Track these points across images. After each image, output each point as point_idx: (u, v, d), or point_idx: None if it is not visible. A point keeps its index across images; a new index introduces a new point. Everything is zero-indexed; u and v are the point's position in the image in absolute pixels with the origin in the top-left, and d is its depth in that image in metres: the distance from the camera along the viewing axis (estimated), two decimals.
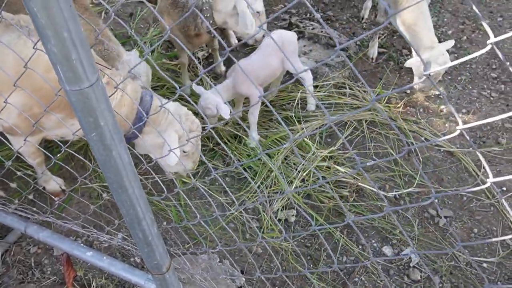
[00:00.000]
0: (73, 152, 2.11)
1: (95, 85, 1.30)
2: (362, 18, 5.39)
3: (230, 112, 3.57)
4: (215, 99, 3.53)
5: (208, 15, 3.50)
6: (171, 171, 3.31)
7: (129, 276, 2.41)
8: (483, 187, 1.04)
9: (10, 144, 2.84)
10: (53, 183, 3.50)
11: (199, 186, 3.51)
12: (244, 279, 2.97)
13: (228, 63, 4.83)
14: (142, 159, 2.10)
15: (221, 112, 3.52)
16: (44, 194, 3.51)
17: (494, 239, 1.24)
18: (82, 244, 2.76)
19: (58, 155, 2.18)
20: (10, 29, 2.51)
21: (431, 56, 3.86)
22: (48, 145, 3.73)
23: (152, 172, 2.11)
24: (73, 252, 2.59)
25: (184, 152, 3.13)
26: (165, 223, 3.38)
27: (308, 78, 4.12)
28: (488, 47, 0.89)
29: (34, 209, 2.83)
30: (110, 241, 2.96)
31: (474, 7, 0.90)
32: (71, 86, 1.29)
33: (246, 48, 5.06)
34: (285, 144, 3.85)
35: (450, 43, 3.94)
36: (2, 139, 2.63)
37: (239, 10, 3.34)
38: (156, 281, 2.24)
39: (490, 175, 1.01)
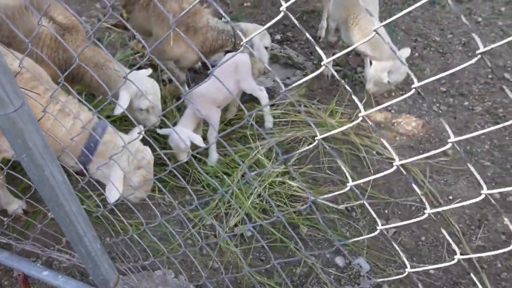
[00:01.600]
0: (13, 173, 2.21)
1: (20, 110, 1.42)
2: (319, 38, 5.60)
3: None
4: (186, 132, 3.68)
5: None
6: (123, 196, 3.33)
7: None
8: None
9: None
10: (15, 205, 3.56)
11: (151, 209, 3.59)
12: None
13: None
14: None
15: (195, 142, 3.65)
16: None
17: None
18: (39, 265, 2.82)
19: (0, 178, 2.27)
20: None
21: (392, 66, 4.13)
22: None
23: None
24: (30, 272, 2.65)
25: (131, 185, 3.09)
26: (108, 238, 3.46)
27: (264, 97, 4.28)
28: None
29: None
30: (67, 261, 3.03)
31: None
32: None
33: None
34: (244, 162, 3.98)
35: (407, 51, 4.19)
36: None
37: (255, 43, 4.14)
38: None
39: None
